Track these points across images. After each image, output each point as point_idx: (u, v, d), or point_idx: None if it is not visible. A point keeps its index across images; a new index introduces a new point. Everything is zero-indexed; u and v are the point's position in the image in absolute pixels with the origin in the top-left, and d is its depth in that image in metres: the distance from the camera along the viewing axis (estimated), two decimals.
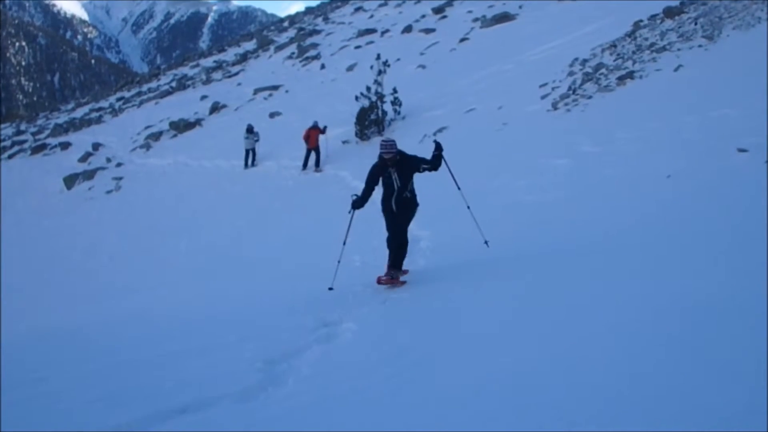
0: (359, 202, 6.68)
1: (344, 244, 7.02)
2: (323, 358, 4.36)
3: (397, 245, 6.65)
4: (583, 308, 3.92)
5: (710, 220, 5.21)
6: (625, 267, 4.67)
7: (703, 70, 10.48)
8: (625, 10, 18.08)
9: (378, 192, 6.77)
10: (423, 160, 6.68)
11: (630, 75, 11.95)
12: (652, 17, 15.56)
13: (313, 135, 17.49)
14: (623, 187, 7.45)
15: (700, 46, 11.72)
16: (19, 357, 7.03)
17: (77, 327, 9.47)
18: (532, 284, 5.01)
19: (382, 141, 6.68)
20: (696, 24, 13.07)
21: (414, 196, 6.81)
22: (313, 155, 17.61)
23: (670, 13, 14.91)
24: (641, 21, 15.71)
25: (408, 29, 31.64)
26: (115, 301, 11.16)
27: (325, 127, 17.93)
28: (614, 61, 13.57)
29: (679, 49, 12.07)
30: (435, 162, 6.75)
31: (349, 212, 6.86)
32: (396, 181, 6.61)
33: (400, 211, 6.63)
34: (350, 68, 28.27)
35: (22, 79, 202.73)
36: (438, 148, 6.95)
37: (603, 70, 13.17)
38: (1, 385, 4.75)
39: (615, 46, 14.73)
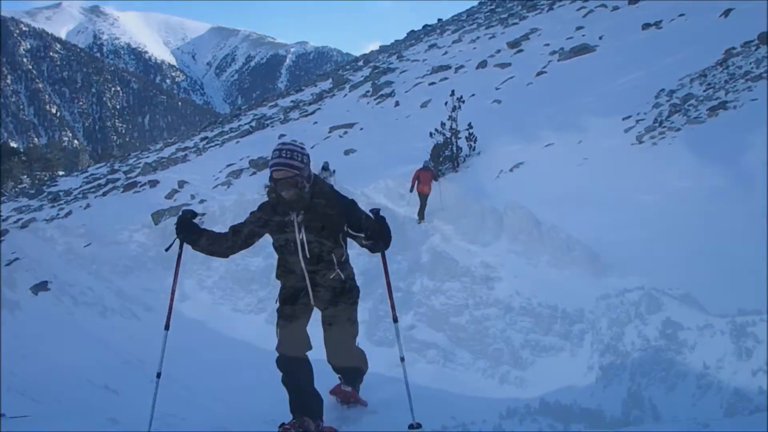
0: (187, 225, 3.55)
1: (166, 328, 3.65)
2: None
3: (351, 370, 3.84)
4: None
5: None
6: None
7: None
8: (712, 38, 17.28)
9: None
10: (366, 221, 3.50)
11: (722, 105, 11.29)
12: (746, 44, 14.75)
13: (425, 178, 13.66)
14: (715, 227, 6.93)
15: None
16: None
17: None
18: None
19: (278, 144, 3.42)
20: None
21: (351, 279, 3.68)
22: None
23: (765, 39, 14.08)
24: (733, 48, 14.92)
25: (483, 64, 31.58)
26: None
27: (439, 172, 15.61)
28: (704, 91, 12.91)
29: None
30: (375, 239, 3.51)
31: (179, 245, 3.66)
32: (303, 244, 3.39)
33: (329, 311, 3.54)
34: (424, 105, 28.42)
35: (117, 121, 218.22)
36: (376, 231, 3.48)
37: (692, 101, 12.54)
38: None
39: (705, 75, 14.03)
